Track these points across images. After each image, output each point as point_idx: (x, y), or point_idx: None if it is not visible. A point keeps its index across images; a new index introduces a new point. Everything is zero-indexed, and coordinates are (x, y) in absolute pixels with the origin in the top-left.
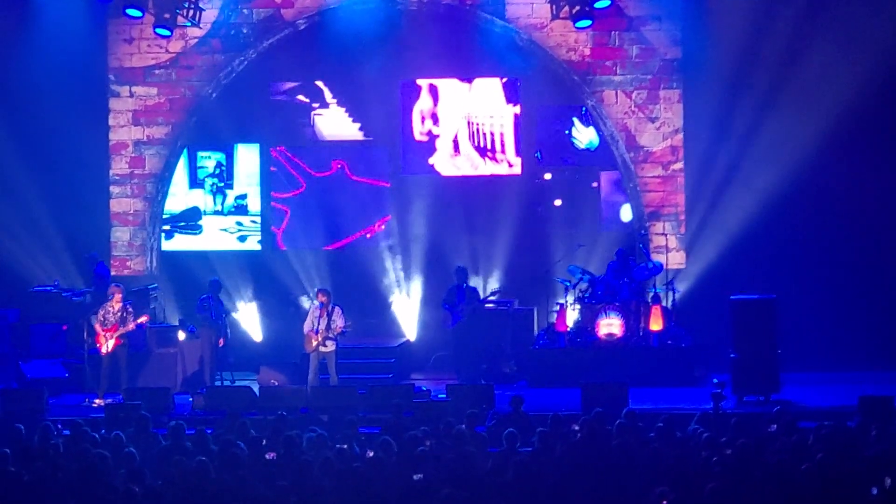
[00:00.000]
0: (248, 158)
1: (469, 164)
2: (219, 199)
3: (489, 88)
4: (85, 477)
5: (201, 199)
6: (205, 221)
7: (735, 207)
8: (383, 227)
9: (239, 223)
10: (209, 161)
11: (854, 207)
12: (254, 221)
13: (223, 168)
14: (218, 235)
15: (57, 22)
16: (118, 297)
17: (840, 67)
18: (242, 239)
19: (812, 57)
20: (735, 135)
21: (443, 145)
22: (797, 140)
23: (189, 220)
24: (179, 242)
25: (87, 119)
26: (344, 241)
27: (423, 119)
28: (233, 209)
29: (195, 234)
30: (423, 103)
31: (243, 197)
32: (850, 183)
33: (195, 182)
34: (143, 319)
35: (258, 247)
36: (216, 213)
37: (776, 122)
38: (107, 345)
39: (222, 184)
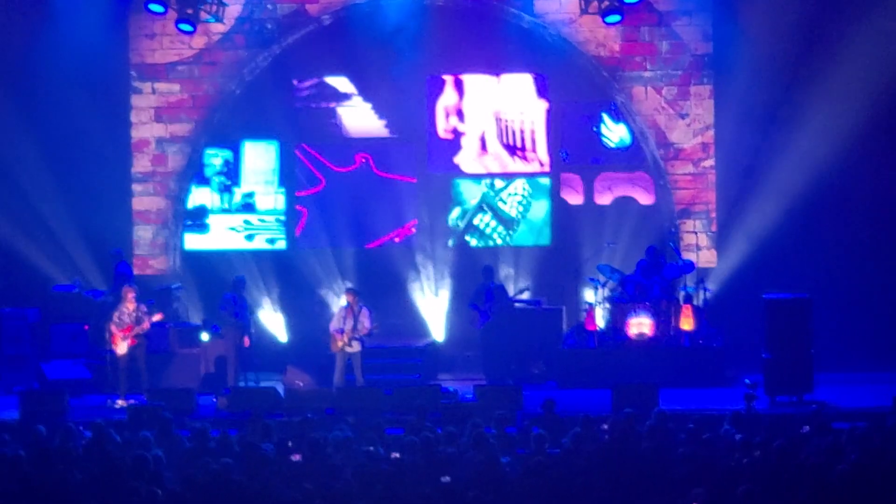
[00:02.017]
0: (255, 156)
1: (497, 164)
2: (226, 197)
3: (518, 84)
4: (106, 479)
5: (208, 197)
6: (211, 220)
7: (767, 205)
8: (413, 229)
9: (247, 222)
10: (216, 159)
11: (888, 205)
12: (262, 220)
13: (230, 165)
14: (225, 234)
15: (77, 17)
16: (131, 296)
17: (874, 63)
18: (250, 238)
19: (845, 52)
20: (767, 131)
21: (469, 143)
22: (830, 136)
23: (195, 219)
24: (186, 241)
25: (109, 116)
26: (374, 244)
27: (447, 115)
28: (240, 207)
29: (202, 232)
30: (448, 99)
31: (251, 195)
32: (884, 181)
33: (202, 180)
34: (157, 317)
35: (265, 245)
36: (223, 211)
37: (809, 118)
38: (122, 345)
39: (229, 182)
